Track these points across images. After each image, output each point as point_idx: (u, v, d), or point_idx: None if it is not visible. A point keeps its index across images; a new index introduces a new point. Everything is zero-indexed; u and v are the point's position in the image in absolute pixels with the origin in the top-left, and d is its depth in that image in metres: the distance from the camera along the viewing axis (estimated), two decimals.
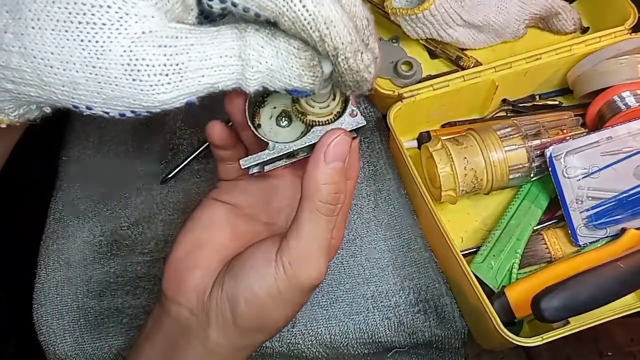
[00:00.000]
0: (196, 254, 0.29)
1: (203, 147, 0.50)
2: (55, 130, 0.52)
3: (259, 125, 0.27)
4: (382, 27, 0.54)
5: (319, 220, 0.26)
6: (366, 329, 0.42)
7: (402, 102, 0.45)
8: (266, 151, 0.26)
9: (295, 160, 0.28)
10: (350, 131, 0.26)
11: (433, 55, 0.53)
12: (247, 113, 0.26)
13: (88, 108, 0.20)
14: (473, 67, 0.49)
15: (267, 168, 0.27)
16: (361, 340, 0.42)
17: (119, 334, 0.43)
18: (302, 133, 0.27)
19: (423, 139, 0.47)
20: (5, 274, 0.52)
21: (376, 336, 0.42)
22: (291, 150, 0.26)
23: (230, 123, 0.31)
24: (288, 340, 0.41)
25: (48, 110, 0.23)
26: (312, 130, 0.26)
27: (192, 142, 0.50)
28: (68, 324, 0.43)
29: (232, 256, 0.29)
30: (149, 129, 0.51)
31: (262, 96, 0.28)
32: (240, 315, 0.27)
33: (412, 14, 0.46)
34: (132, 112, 0.21)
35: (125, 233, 0.47)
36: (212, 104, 0.57)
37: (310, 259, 0.26)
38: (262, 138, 0.26)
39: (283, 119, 0.27)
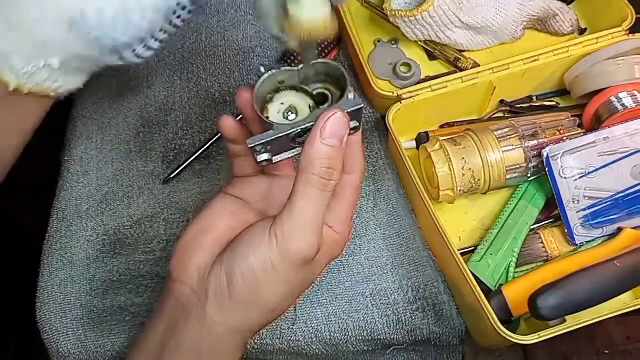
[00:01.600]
0: (202, 238, 0.31)
1: (205, 147, 0.50)
2: (58, 131, 0.53)
3: (267, 118, 0.28)
4: (381, 28, 0.54)
5: (311, 193, 0.27)
6: (365, 327, 0.42)
7: (401, 103, 0.46)
8: (271, 131, 0.27)
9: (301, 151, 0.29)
10: (350, 114, 0.27)
11: (432, 56, 0.53)
12: (254, 104, 0.28)
13: None
14: (471, 68, 0.49)
15: (275, 159, 0.28)
16: (360, 338, 0.42)
17: (121, 332, 0.43)
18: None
19: (422, 139, 0.48)
20: (10, 272, 0.53)
21: (375, 334, 0.42)
22: (293, 131, 0.27)
23: (240, 116, 0.32)
24: (288, 338, 0.42)
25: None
26: (313, 112, 0.27)
27: (194, 142, 0.51)
28: (71, 322, 0.44)
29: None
30: (151, 129, 0.52)
31: (270, 93, 0.29)
32: (236, 286, 0.28)
33: (411, 16, 0.47)
34: None
35: (128, 232, 0.47)
36: (215, 105, 0.57)
37: (301, 232, 0.27)
38: (267, 120, 0.27)
39: (290, 113, 0.29)
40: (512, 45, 0.53)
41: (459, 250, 0.41)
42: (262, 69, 0.28)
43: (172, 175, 0.49)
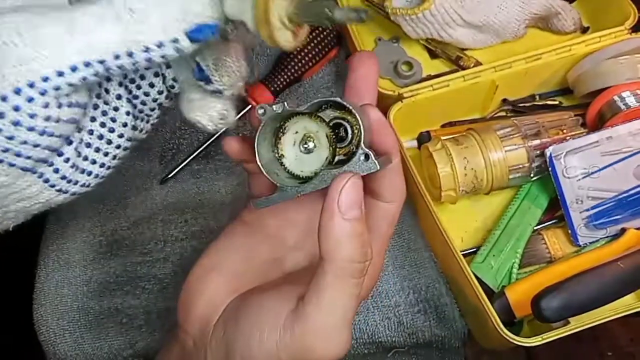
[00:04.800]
0: (206, 280, 0.27)
1: (203, 147, 0.49)
2: None
3: (282, 156, 0.24)
4: (382, 27, 0.54)
5: (344, 284, 0.22)
6: (366, 329, 0.42)
7: (402, 102, 0.45)
8: (276, 194, 0.24)
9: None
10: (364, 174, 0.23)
11: (433, 55, 0.53)
12: (255, 150, 0.24)
13: None
14: (473, 67, 0.49)
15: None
16: (361, 341, 0.42)
17: (118, 334, 0.43)
18: (326, 159, 0.24)
19: (423, 138, 0.47)
20: (5, 274, 0.52)
21: (376, 336, 0.42)
22: (300, 194, 0.24)
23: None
24: None
25: None
26: (321, 173, 0.23)
27: (191, 142, 0.50)
28: (68, 324, 0.43)
29: (243, 288, 0.26)
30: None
31: (281, 122, 0.24)
32: None
33: (412, 14, 0.46)
34: None
35: (124, 233, 0.47)
36: None
37: (328, 335, 0.22)
38: (270, 179, 0.24)
39: (309, 142, 0.24)
40: (514, 44, 0.52)
41: (461, 251, 0.40)
42: (261, 111, 0.23)
43: (169, 176, 0.49)
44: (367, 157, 0.22)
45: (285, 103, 0.23)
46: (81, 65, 0.19)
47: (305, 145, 0.24)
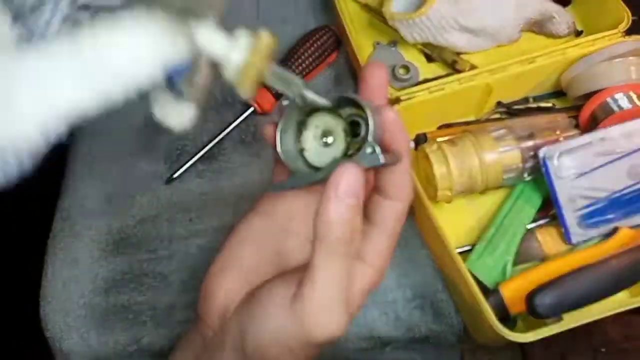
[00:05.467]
0: (225, 273, 0.28)
1: (208, 147, 0.50)
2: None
3: (303, 149, 0.26)
4: (380, 31, 0.55)
5: (334, 263, 0.23)
6: (364, 324, 0.42)
7: (399, 104, 0.46)
8: (289, 180, 0.26)
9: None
10: (367, 169, 0.24)
11: (430, 59, 0.53)
12: (277, 137, 0.26)
13: None
14: (468, 70, 0.49)
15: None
16: (359, 335, 0.42)
17: (124, 330, 0.44)
18: (340, 152, 0.26)
19: (420, 140, 0.48)
20: (14, 271, 0.53)
21: (374, 331, 0.42)
22: (311, 181, 0.25)
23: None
24: None
25: None
26: (331, 163, 0.25)
27: (196, 142, 0.51)
28: (74, 321, 0.44)
29: (258, 280, 0.27)
30: (154, 129, 0.52)
31: (304, 117, 0.26)
32: (249, 352, 0.25)
33: (409, 19, 0.47)
34: None
35: (131, 232, 0.48)
36: (217, 106, 0.57)
37: (325, 310, 0.23)
38: (287, 165, 0.25)
39: (326, 137, 0.26)
40: (509, 48, 0.53)
41: (456, 249, 0.41)
42: (285, 102, 0.25)
43: (174, 176, 0.49)
44: (372, 151, 0.23)
45: (309, 93, 0.24)
46: None
47: (324, 140, 0.26)
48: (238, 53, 0.22)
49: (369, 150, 0.23)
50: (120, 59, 0.19)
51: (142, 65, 0.20)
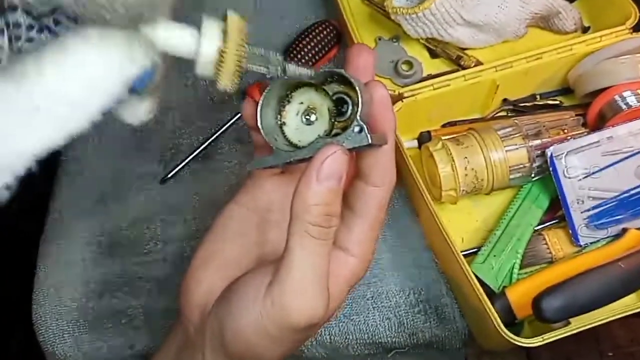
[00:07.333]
0: (204, 269, 0.28)
1: (202, 147, 0.49)
2: None
3: (284, 124, 0.25)
4: (382, 26, 0.54)
5: (309, 245, 0.23)
6: (366, 330, 0.42)
7: (402, 101, 0.45)
8: (270, 157, 0.24)
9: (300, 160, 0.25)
10: (352, 149, 0.23)
11: (433, 54, 0.52)
12: (258, 113, 0.25)
13: None
14: (474, 66, 0.49)
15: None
16: (361, 341, 0.42)
17: (117, 334, 0.43)
18: (324, 131, 0.25)
19: (423, 138, 0.47)
20: (5, 274, 0.52)
21: (376, 337, 0.42)
22: (293, 159, 0.24)
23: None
24: None
25: None
26: (314, 142, 0.24)
27: (191, 142, 0.50)
28: (67, 324, 0.44)
29: (238, 274, 0.27)
30: (148, 129, 0.51)
31: (287, 91, 0.25)
32: (228, 345, 0.25)
33: (412, 13, 0.46)
34: None
35: (124, 233, 0.47)
36: (212, 105, 0.56)
37: (302, 293, 0.23)
38: (267, 140, 0.25)
39: (309, 114, 0.25)
40: (515, 43, 0.52)
41: (461, 251, 0.40)
42: (269, 75, 0.24)
43: (169, 176, 0.49)
44: (360, 130, 0.22)
45: (290, 65, 0.23)
46: None
47: (307, 117, 0.25)
48: (208, 44, 0.21)
49: (356, 129, 0.22)
50: (74, 90, 0.18)
51: (100, 89, 0.19)
